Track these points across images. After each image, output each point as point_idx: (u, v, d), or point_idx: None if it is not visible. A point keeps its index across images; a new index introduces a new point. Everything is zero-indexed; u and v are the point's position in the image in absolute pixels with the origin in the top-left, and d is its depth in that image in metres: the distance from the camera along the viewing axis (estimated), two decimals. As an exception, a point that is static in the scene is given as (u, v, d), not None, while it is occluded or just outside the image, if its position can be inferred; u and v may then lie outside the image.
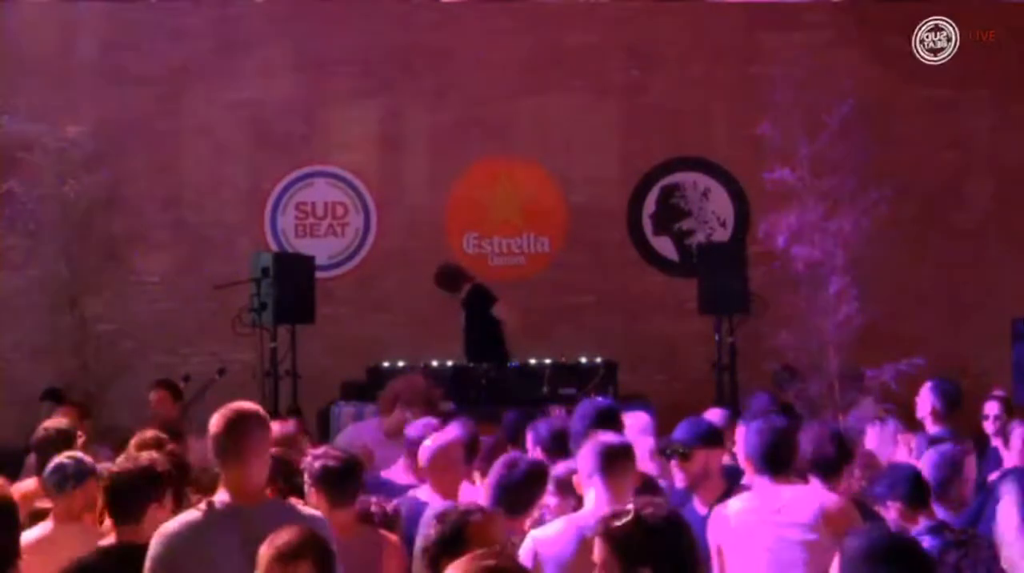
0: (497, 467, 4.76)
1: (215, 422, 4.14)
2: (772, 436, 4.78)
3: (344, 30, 11.86)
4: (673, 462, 5.17)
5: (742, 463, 5.04)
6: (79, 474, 5.00)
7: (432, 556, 3.68)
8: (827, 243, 10.53)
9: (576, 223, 11.90)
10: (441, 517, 3.81)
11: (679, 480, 5.18)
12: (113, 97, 11.59)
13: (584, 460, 4.45)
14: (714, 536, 4.68)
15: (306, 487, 4.75)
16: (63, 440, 5.80)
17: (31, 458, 6.25)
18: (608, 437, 4.57)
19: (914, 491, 4.91)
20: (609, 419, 5.45)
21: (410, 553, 4.71)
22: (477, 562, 2.91)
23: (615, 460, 4.41)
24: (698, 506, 5.08)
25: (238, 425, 4.11)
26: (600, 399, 6.48)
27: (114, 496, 4.39)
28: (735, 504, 4.74)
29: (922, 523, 4.79)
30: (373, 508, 4.94)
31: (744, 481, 5.12)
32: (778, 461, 4.74)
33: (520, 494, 4.66)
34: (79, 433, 6.02)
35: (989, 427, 7.56)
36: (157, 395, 8.55)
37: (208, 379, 9.68)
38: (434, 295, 10.60)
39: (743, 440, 5.00)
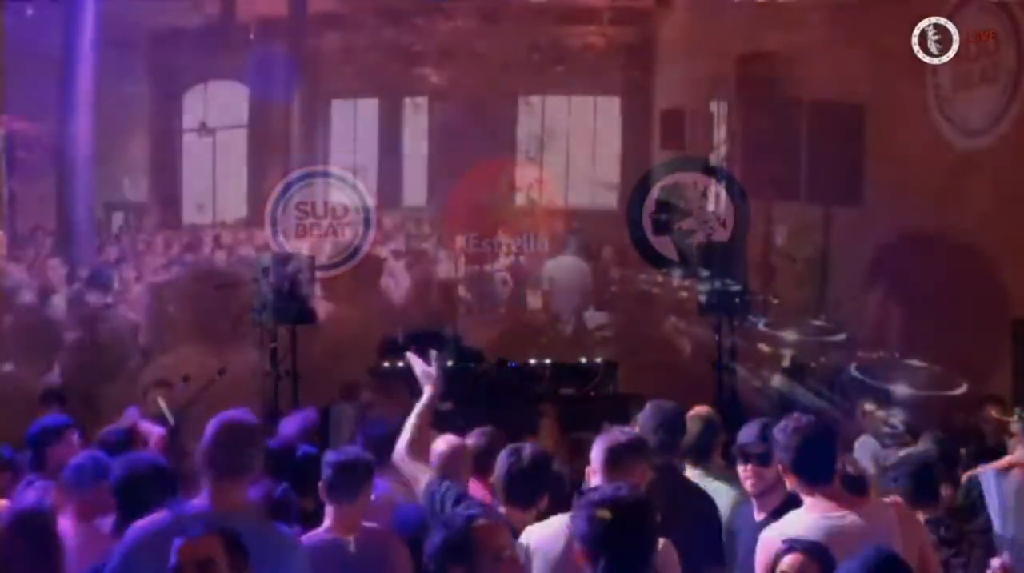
0: (502, 458, 4.69)
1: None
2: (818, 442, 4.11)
3: (344, 30, 11.85)
4: (748, 466, 4.82)
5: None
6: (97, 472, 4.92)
7: (438, 563, 3.49)
8: (827, 243, 10.55)
9: (576, 223, 11.90)
10: (446, 522, 3.62)
11: (750, 485, 4.83)
12: (113, 97, 11.59)
13: (594, 456, 4.34)
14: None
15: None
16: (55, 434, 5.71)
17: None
18: (619, 434, 4.43)
19: (916, 484, 4.83)
20: None
21: (415, 557, 4.62)
22: None
23: (620, 457, 4.29)
24: (756, 512, 4.95)
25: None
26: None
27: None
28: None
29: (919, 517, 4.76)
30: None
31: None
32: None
33: (527, 483, 4.61)
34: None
35: (987, 428, 7.46)
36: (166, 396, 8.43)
37: (208, 379, 9.67)
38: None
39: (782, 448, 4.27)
